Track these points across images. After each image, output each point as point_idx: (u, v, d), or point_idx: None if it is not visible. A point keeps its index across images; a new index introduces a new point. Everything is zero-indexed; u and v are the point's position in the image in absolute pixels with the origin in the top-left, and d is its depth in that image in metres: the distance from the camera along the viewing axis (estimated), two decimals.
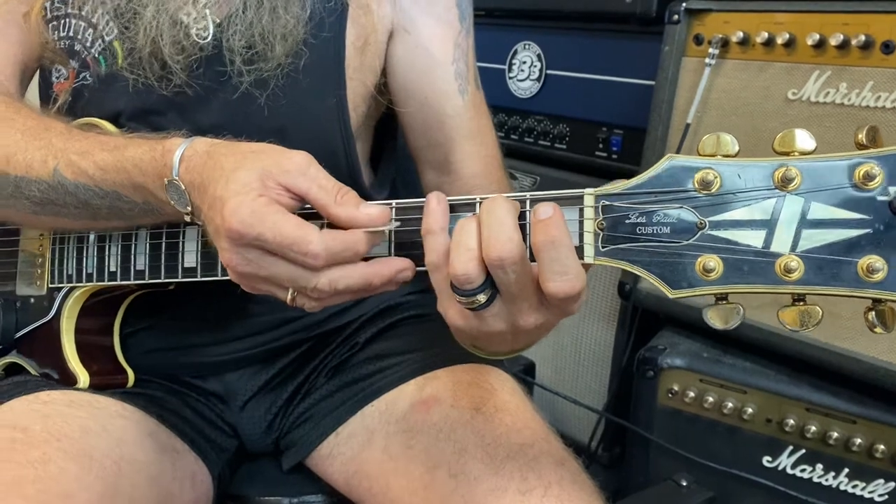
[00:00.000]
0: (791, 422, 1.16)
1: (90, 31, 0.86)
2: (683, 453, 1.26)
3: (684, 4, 1.25)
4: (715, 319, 0.56)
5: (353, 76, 0.88)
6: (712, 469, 1.24)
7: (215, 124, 0.82)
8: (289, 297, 0.65)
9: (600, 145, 1.52)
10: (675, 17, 1.26)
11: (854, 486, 1.14)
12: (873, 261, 0.50)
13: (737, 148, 0.55)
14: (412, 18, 0.89)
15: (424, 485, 0.78)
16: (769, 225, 0.53)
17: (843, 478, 1.15)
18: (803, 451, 1.17)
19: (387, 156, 1.00)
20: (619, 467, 1.46)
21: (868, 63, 1.08)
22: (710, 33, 1.23)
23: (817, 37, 1.11)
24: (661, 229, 0.56)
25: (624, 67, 1.47)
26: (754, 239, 0.53)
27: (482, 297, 0.58)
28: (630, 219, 0.56)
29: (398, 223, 0.64)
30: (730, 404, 1.22)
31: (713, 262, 0.54)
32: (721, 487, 1.23)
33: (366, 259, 0.64)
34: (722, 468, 1.23)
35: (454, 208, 0.61)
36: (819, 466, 1.16)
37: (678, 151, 1.26)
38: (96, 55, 0.86)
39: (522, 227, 0.58)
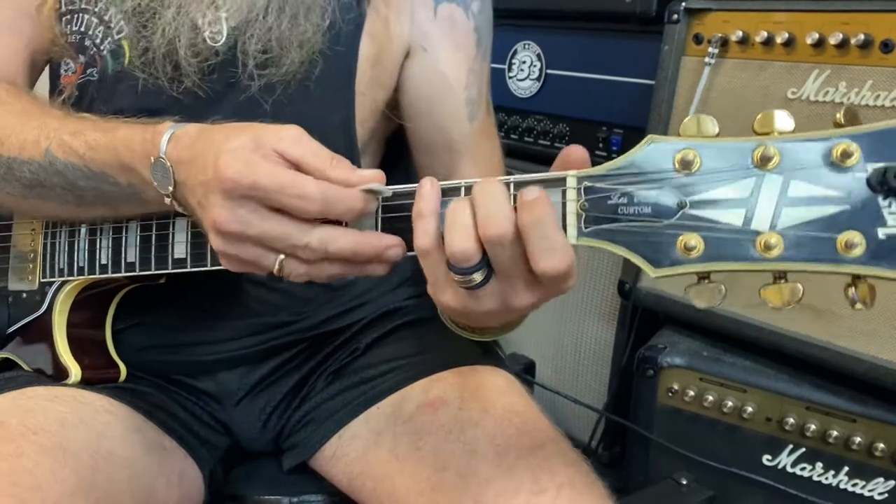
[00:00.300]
0: (791, 420, 1.16)
1: (101, 27, 0.86)
2: (683, 452, 1.26)
3: (684, 4, 1.25)
4: (697, 298, 0.57)
5: (365, 91, 0.88)
6: (712, 468, 1.24)
7: None
8: (276, 265, 0.64)
9: (600, 144, 1.52)
10: (675, 16, 1.26)
11: (854, 485, 1.14)
12: (851, 236, 0.51)
13: (717, 129, 0.56)
14: (429, 37, 0.90)
15: (432, 486, 0.78)
16: (749, 203, 0.54)
17: (842, 476, 1.15)
18: (803, 449, 1.17)
19: (401, 170, 1.01)
20: (620, 466, 1.46)
21: (867, 62, 1.08)
22: (710, 32, 1.23)
23: (816, 36, 1.11)
24: (642, 209, 0.56)
25: (624, 67, 1.48)
26: (734, 217, 0.54)
27: (478, 276, 0.59)
28: (612, 199, 0.57)
29: (391, 192, 0.64)
30: (730, 403, 1.22)
31: (694, 240, 0.55)
32: (721, 486, 1.24)
33: None
34: (722, 467, 1.23)
35: (442, 193, 0.62)
36: (819, 465, 1.16)
37: None
38: (105, 53, 0.86)
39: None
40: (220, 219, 0.62)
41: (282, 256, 0.63)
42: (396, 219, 0.64)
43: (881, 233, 0.51)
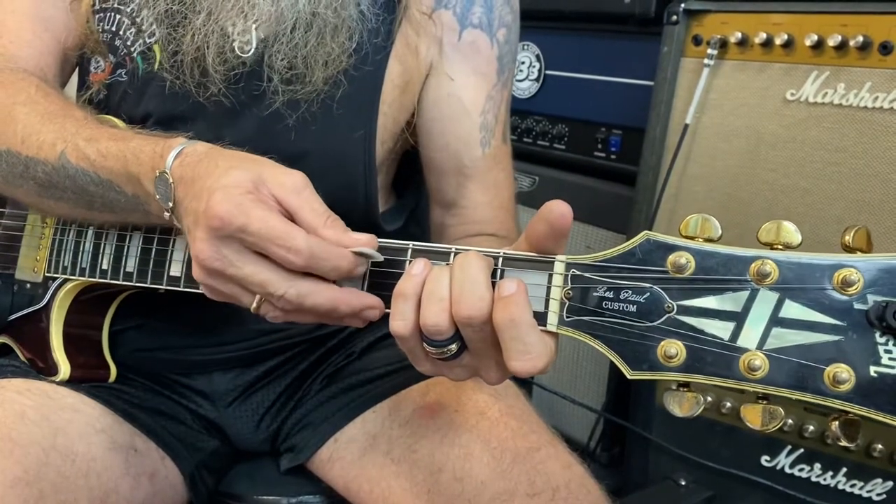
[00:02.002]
0: (789, 421, 1.17)
1: (132, 29, 0.87)
2: (682, 453, 1.27)
3: (683, 5, 1.26)
4: (674, 406, 0.55)
5: (388, 112, 0.88)
6: (711, 468, 1.24)
7: (241, 139, 0.82)
8: (254, 303, 0.64)
9: (599, 145, 1.53)
10: (674, 17, 1.27)
11: (852, 486, 1.14)
12: (840, 370, 0.49)
13: (719, 233, 0.53)
14: (451, 61, 0.90)
15: (428, 488, 0.79)
16: (738, 318, 0.51)
17: (841, 477, 1.15)
18: (801, 450, 1.18)
19: (413, 188, 1.01)
20: (619, 467, 1.46)
21: (866, 64, 1.09)
22: (709, 34, 1.23)
23: (815, 37, 1.11)
24: (627, 307, 0.55)
25: (623, 68, 1.48)
26: (721, 330, 0.52)
27: (454, 347, 0.59)
28: (598, 292, 0.56)
29: (382, 257, 0.63)
30: (728, 404, 1.22)
31: (675, 348, 0.53)
32: (720, 487, 1.24)
33: None
34: (721, 467, 1.24)
35: (427, 255, 0.61)
36: (817, 466, 1.17)
37: (677, 152, 1.26)
38: (135, 55, 0.87)
39: (495, 286, 0.58)
40: (202, 254, 0.62)
41: (259, 296, 0.63)
42: (385, 274, 0.64)
43: (873, 370, 0.48)
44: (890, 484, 1.11)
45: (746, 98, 1.20)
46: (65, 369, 0.86)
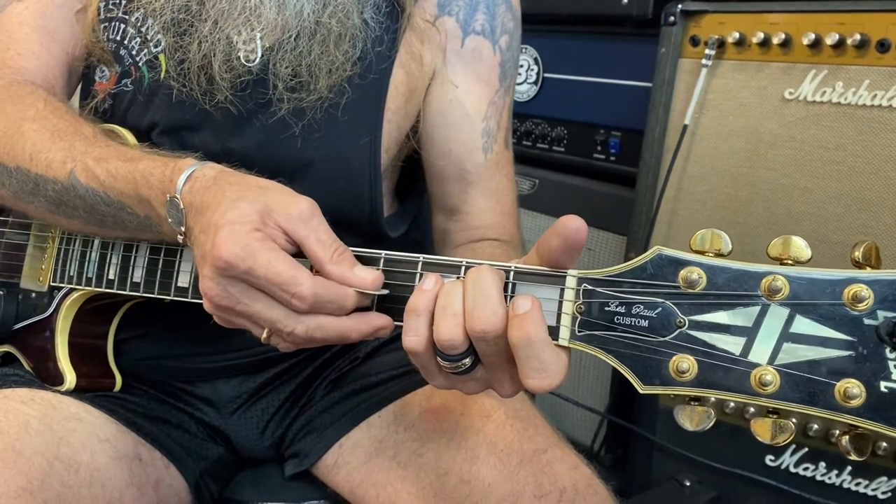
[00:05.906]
0: (793, 420, 1.16)
1: (137, 39, 0.87)
2: (686, 454, 1.27)
3: (680, 6, 1.26)
4: (685, 420, 0.55)
5: (392, 119, 0.88)
6: (715, 469, 1.24)
7: (247, 147, 0.83)
8: (264, 335, 0.65)
9: (598, 147, 1.53)
10: (672, 18, 1.27)
11: (857, 484, 1.14)
12: (851, 385, 0.49)
13: (730, 247, 0.54)
14: (454, 67, 0.91)
15: (435, 491, 0.79)
16: (750, 332, 0.52)
17: (846, 475, 1.15)
18: (806, 449, 1.18)
19: (416, 194, 1.01)
20: (622, 469, 1.46)
21: (864, 62, 1.09)
22: (706, 34, 1.23)
23: (813, 36, 1.12)
24: (639, 322, 0.55)
25: (621, 69, 1.48)
26: (733, 345, 0.52)
27: (468, 362, 0.59)
28: (609, 307, 0.56)
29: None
30: (732, 404, 1.22)
31: (687, 363, 0.53)
32: (724, 487, 1.24)
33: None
34: (725, 468, 1.24)
35: (438, 269, 0.62)
36: (822, 464, 1.17)
37: (676, 153, 1.26)
38: (140, 64, 0.87)
39: (507, 299, 0.58)
40: (210, 292, 0.63)
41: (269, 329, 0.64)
42: (396, 287, 0.64)
43: (883, 386, 0.49)
44: (895, 482, 1.11)
45: (745, 98, 1.20)
46: (70, 379, 0.86)
